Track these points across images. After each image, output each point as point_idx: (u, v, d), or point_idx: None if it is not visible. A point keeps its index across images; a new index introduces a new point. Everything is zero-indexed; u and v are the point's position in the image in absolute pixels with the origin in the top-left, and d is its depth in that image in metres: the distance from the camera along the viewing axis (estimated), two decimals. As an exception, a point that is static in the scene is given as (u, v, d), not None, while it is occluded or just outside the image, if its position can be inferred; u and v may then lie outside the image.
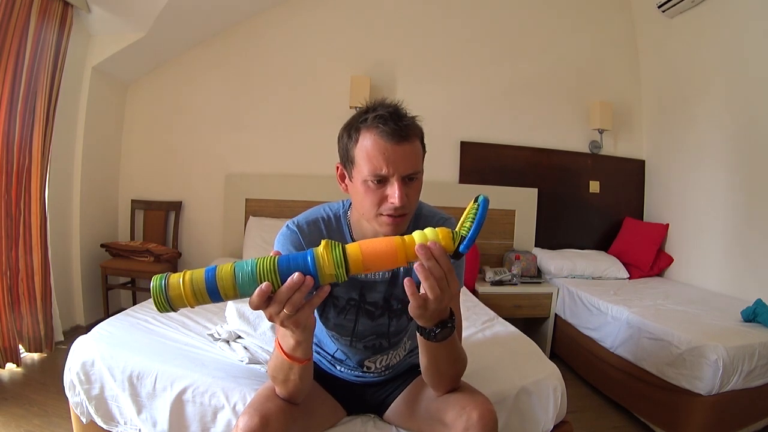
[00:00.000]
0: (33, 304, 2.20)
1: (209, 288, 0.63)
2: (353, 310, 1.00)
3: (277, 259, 0.66)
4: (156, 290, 0.63)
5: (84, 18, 2.51)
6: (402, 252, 0.66)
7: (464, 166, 3.21)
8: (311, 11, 3.11)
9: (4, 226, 2.05)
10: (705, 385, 1.67)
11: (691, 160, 2.96)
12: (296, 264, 0.65)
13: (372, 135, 0.84)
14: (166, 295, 0.63)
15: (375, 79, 3.06)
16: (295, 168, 3.08)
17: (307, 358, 0.81)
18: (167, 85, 3.05)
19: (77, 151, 2.66)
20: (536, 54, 3.33)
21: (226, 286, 0.63)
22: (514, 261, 2.89)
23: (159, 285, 0.63)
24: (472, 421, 0.87)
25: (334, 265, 0.65)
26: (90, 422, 1.27)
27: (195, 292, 0.63)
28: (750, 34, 2.52)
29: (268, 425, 0.84)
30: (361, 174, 0.86)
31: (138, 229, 2.99)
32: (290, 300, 0.66)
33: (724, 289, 2.60)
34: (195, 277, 0.63)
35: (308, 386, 0.92)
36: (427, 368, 0.90)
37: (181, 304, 0.64)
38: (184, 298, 0.63)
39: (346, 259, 0.66)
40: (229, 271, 0.64)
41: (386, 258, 0.66)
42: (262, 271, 0.64)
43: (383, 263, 0.66)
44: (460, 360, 0.93)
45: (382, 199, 0.85)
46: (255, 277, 0.64)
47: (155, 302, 0.64)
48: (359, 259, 0.65)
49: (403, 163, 0.84)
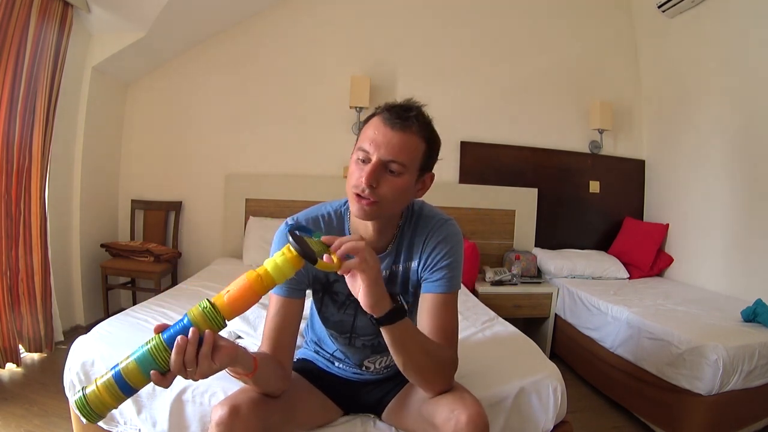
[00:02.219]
0: (33, 304, 2.20)
1: (120, 385, 0.67)
2: (353, 305, 1.01)
3: (161, 335, 0.70)
4: (79, 404, 0.67)
5: (84, 18, 2.51)
6: (258, 285, 0.71)
7: (464, 166, 3.21)
8: (311, 11, 3.11)
9: (4, 226, 2.05)
10: (705, 385, 1.67)
11: (691, 160, 2.96)
12: (177, 333, 0.70)
13: (376, 119, 0.90)
14: (89, 405, 0.67)
15: (375, 79, 3.06)
16: (295, 168, 3.08)
17: (250, 372, 0.82)
18: (167, 85, 3.05)
19: (77, 151, 2.66)
20: (536, 54, 3.33)
21: (134, 378, 0.68)
22: (514, 261, 2.89)
23: (80, 399, 0.68)
24: (461, 423, 0.86)
25: (206, 317, 0.70)
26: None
27: (111, 393, 0.67)
28: (750, 34, 2.52)
29: (238, 415, 0.85)
30: (354, 151, 0.90)
31: (138, 229, 2.99)
32: (185, 360, 0.68)
33: (724, 289, 2.59)
34: (106, 381, 0.68)
35: (278, 385, 0.92)
36: (404, 364, 0.88)
37: (104, 408, 0.68)
38: (105, 402, 0.67)
39: (216, 309, 0.70)
40: (132, 364, 0.68)
41: (246, 295, 0.71)
42: (155, 350, 0.68)
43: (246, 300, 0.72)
44: (440, 353, 0.91)
45: (359, 177, 0.87)
46: (152, 359, 0.68)
47: (83, 415, 0.68)
48: (225, 305, 0.71)
49: (385, 147, 0.86)
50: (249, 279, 0.71)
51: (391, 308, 0.81)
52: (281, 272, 0.72)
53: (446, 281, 0.96)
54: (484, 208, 3.15)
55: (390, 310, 0.81)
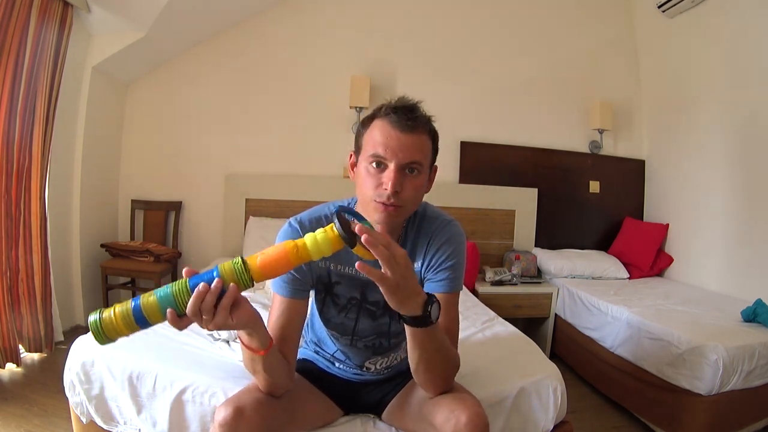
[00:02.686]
0: (33, 304, 2.20)
1: (136, 316, 0.70)
2: (354, 309, 1.01)
3: (188, 279, 0.73)
4: (93, 325, 0.70)
5: (84, 18, 2.51)
6: (293, 254, 0.72)
7: (464, 166, 3.21)
8: (311, 11, 3.11)
9: (4, 226, 2.05)
10: (705, 385, 1.67)
11: (691, 160, 2.96)
12: (202, 280, 0.72)
13: (381, 122, 0.90)
14: (102, 328, 0.70)
15: (375, 79, 3.06)
16: (295, 168, 3.08)
17: (264, 349, 0.82)
18: (167, 85, 3.05)
19: (77, 151, 2.65)
20: (536, 54, 3.33)
21: (151, 313, 0.70)
22: (514, 261, 2.89)
23: (95, 320, 0.70)
24: (460, 424, 0.86)
25: (234, 272, 0.72)
26: (90, 422, 1.27)
27: (125, 322, 0.70)
28: (750, 33, 2.52)
29: (243, 416, 0.85)
30: (364, 158, 0.89)
31: (138, 229, 2.99)
32: (202, 307, 0.70)
33: (724, 289, 2.60)
34: (124, 310, 0.70)
35: (283, 380, 0.92)
36: (417, 363, 0.88)
37: (116, 335, 0.71)
38: (117, 329, 0.70)
39: (246, 267, 0.72)
40: (152, 299, 0.71)
41: (279, 262, 0.72)
42: (178, 292, 0.71)
43: (277, 266, 0.73)
44: (450, 354, 0.92)
45: (378, 185, 0.87)
46: (173, 299, 0.71)
47: (94, 336, 0.70)
48: (256, 266, 0.72)
49: (402, 151, 0.86)
50: (286, 247, 0.72)
51: (421, 314, 0.80)
52: (318, 249, 0.72)
53: (450, 282, 0.96)
54: (484, 208, 3.15)
55: (420, 315, 0.80)
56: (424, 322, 0.80)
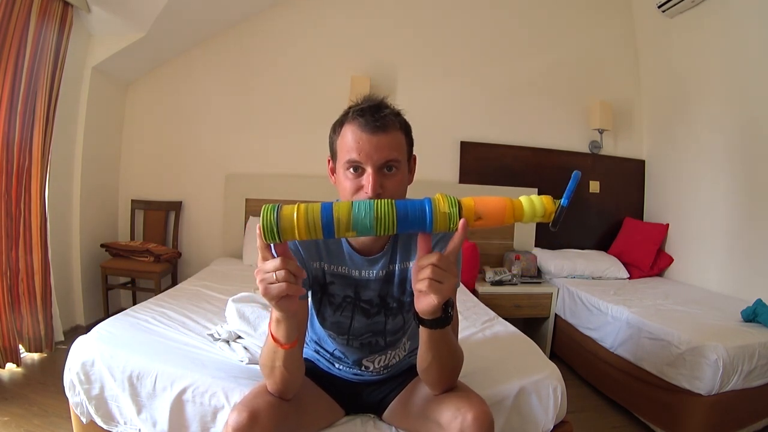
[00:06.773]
0: (33, 304, 2.20)
1: (325, 221, 0.64)
2: (349, 308, 1.01)
3: (395, 200, 0.68)
4: (266, 219, 0.64)
5: (84, 18, 2.51)
6: (509, 209, 0.69)
7: (464, 166, 3.21)
8: (311, 11, 3.11)
9: (4, 226, 2.05)
10: (705, 385, 1.67)
11: (691, 160, 2.96)
12: (413, 205, 0.68)
13: (350, 126, 0.88)
14: (278, 224, 0.63)
15: (375, 79, 3.06)
16: (295, 168, 3.08)
17: (289, 344, 0.81)
18: (167, 85, 3.05)
19: (77, 151, 2.66)
20: (536, 54, 3.33)
21: (342, 220, 0.64)
22: (514, 261, 2.89)
23: (270, 214, 0.64)
24: (467, 422, 0.87)
25: (448, 204, 0.67)
26: (90, 422, 1.27)
27: (309, 224, 0.64)
28: (750, 33, 2.52)
29: (257, 421, 0.84)
30: (341, 164, 0.89)
31: (138, 229, 2.99)
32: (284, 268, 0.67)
33: (724, 289, 2.60)
34: (311, 209, 0.64)
35: (297, 380, 0.92)
36: (429, 363, 0.88)
37: (291, 235, 0.64)
38: (296, 229, 0.64)
39: (460, 205, 0.68)
40: (347, 205, 0.65)
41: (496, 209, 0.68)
42: (380, 208, 0.65)
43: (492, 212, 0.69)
44: (458, 350, 0.93)
45: (358, 188, 0.86)
46: (372, 214, 0.65)
47: (264, 230, 0.64)
48: (470, 205, 0.68)
49: (376, 153, 0.86)
50: (505, 200, 0.70)
51: (441, 315, 0.80)
52: (533, 212, 0.70)
53: None
54: (484, 208, 3.14)
55: (441, 317, 0.80)
56: (443, 323, 0.81)
